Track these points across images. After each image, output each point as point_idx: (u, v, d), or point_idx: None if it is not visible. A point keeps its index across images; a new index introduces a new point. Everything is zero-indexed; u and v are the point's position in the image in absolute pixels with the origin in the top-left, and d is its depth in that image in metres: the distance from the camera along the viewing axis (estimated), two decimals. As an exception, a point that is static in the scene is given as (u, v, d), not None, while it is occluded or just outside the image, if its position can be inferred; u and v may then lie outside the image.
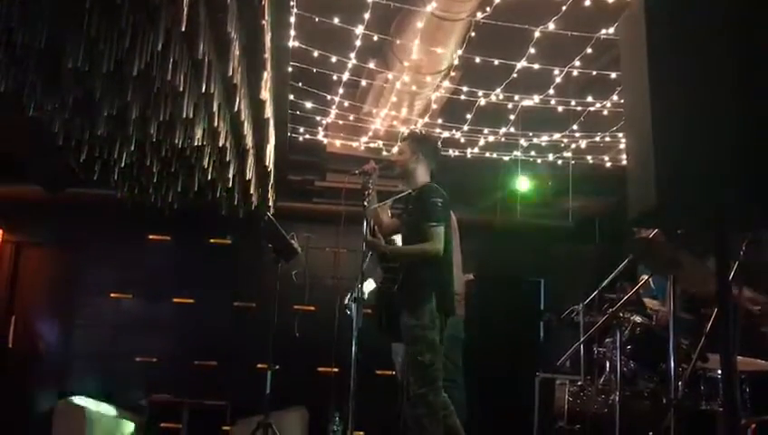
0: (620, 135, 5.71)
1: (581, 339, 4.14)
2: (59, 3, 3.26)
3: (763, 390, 3.41)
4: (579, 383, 4.29)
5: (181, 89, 3.72)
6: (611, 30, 4.14)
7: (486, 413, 6.48)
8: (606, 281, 4.33)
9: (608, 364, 4.14)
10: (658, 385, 3.88)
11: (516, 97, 5.25)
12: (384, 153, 6.33)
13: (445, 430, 3.73)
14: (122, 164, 5.40)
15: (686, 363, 3.56)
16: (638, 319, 4.03)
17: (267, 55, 4.08)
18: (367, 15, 4.23)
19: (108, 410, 6.69)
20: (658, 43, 1.86)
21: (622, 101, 4.80)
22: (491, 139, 6.10)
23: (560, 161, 6.62)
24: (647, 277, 4.17)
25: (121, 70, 3.69)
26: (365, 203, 3.99)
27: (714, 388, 3.50)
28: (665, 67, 1.84)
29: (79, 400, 6.55)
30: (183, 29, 3.16)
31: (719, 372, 3.42)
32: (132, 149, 5.08)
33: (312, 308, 6.81)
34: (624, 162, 6.10)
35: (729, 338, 1.89)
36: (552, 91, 5.10)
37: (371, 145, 6.41)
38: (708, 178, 1.75)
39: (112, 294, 7.68)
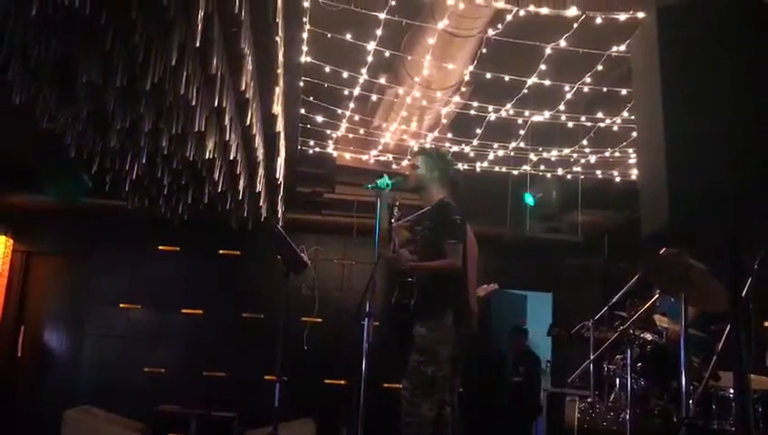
0: (630, 150, 5.72)
1: (592, 356, 4.13)
2: (74, 17, 3.30)
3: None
4: (589, 400, 4.27)
5: (194, 103, 3.74)
6: (623, 47, 4.16)
7: (491, 426, 6.47)
8: (616, 297, 4.32)
9: (618, 381, 4.12)
10: (669, 403, 3.86)
11: (526, 112, 5.27)
12: (393, 166, 6.35)
13: None
14: (134, 175, 5.43)
15: (697, 381, 3.55)
16: (648, 336, 4.01)
17: (280, 71, 4.11)
18: (379, 32, 4.26)
19: (116, 419, 6.69)
20: (671, 60, 1.87)
21: (632, 117, 4.83)
22: (500, 153, 6.11)
23: (569, 176, 6.62)
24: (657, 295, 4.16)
25: (135, 84, 3.72)
26: (392, 220, 3.99)
27: (726, 407, 3.47)
28: (677, 85, 1.85)
29: (87, 409, 6.56)
30: (197, 44, 3.18)
31: (731, 390, 3.39)
32: (144, 160, 5.12)
33: (320, 320, 6.83)
34: (633, 177, 6.09)
35: (742, 356, 1.89)
36: (562, 107, 5.11)
37: (381, 158, 6.43)
38: (721, 196, 1.76)
39: (121, 305, 7.71)
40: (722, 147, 1.79)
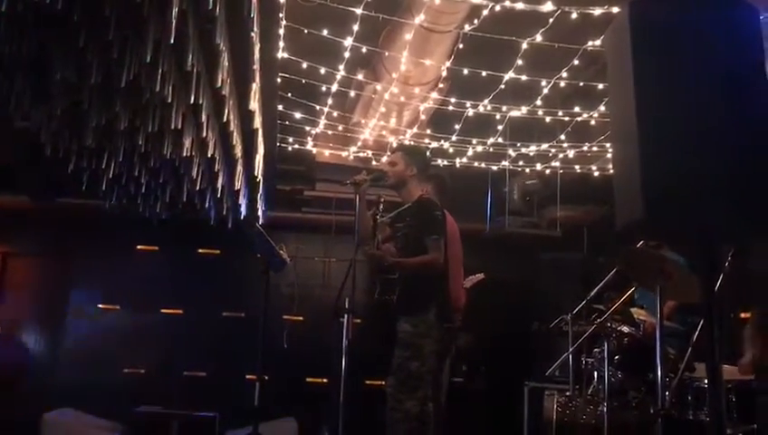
0: (608, 145, 5.75)
1: (570, 349, 4.16)
2: (46, 14, 3.26)
3: (750, 399, 3.43)
4: (567, 394, 4.30)
5: (170, 100, 3.71)
6: (598, 42, 4.18)
7: (475, 423, 6.48)
8: (593, 291, 4.35)
9: (596, 374, 4.15)
10: (646, 395, 3.90)
11: (504, 108, 5.29)
12: (373, 163, 6.35)
13: None
14: (110, 174, 5.38)
15: (673, 373, 3.58)
16: (625, 329, 4.05)
17: (256, 67, 4.08)
18: (356, 27, 4.25)
19: (96, 422, 6.63)
20: (644, 54, 1.88)
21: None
22: (479, 149, 6.13)
23: (548, 171, 6.65)
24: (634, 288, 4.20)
25: (109, 81, 3.68)
26: (377, 216, 4.00)
27: (701, 397, 3.51)
28: (651, 79, 1.86)
29: (66, 412, 6.49)
30: (171, 41, 3.15)
31: (706, 381, 3.43)
32: (121, 159, 5.07)
33: (301, 318, 6.81)
34: (611, 171, 6.13)
35: (715, 348, 1.91)
36: (539, 102, 5.13)
37: (360, 155, 6.43)
38: (694, 190, 1.77)
39: (100, 306, 7.64)
40: (694, 141, 1.80)
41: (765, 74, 1.94)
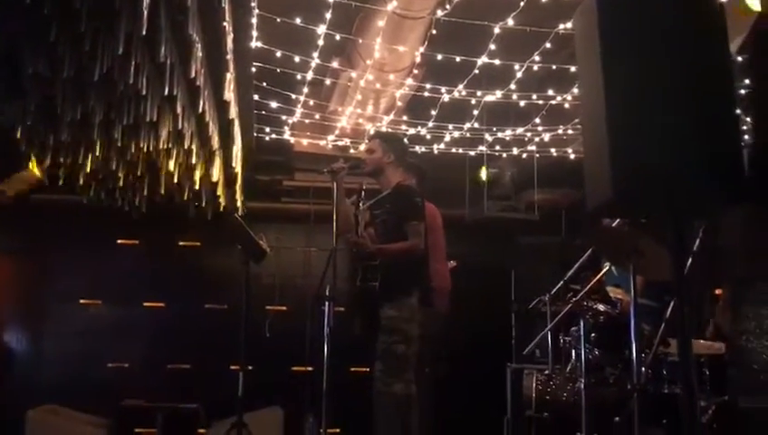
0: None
1: (547, 328, 4.23)
2: (16, 8, 3.23)
3: (722, 371, 3.51)
4: (546, 372, 4.37)
5: (144, 92, 3.70)
6: (569, 24, 4.22)
7: (458, 405, 6.55)
8: (570, 271, 4.41)
9: (573, 353, 4.22)
10: (623, 371, 3.97)
11: (479, 93, 5.32)
12: (351, 151, 6.36)
13: (401, 425, 3.82)
14: (87, 169, 5.35)
15: (648, 349, 3.65)
16: (601, 307, 4.12)
17: (230, 57, 4.08)
18: (329, 15, 4.25)
19: (80, 417, 6.62)
20: (611, 36, 1.91)
21: (582, 94, 4.89)
22: (456, 134, 6.16)
23: (524, 155, 6.70)
24: (609, 265, 4.27)
25: (82, 74, 3.66)
26: (360, 204, 4.02)
27: (675, 372, 3.59)
28: (617, 60, 1.89)
29: (51, 409, 6.47)
30: (144, 33, 3.14)
31: (680, 355, 3.50)
32: (97, 153, 5.05)
33: (284, 308, 6.83)
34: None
35: (685, 323, 1.96)
36: (513, 86, 5.16)
37: (338, 143, 6.43)
38: (662, 168, 1.81)
39: (81, 301, 7.59)
40: (661, 120, 1.84)
41: (730, 54, 1.99)
